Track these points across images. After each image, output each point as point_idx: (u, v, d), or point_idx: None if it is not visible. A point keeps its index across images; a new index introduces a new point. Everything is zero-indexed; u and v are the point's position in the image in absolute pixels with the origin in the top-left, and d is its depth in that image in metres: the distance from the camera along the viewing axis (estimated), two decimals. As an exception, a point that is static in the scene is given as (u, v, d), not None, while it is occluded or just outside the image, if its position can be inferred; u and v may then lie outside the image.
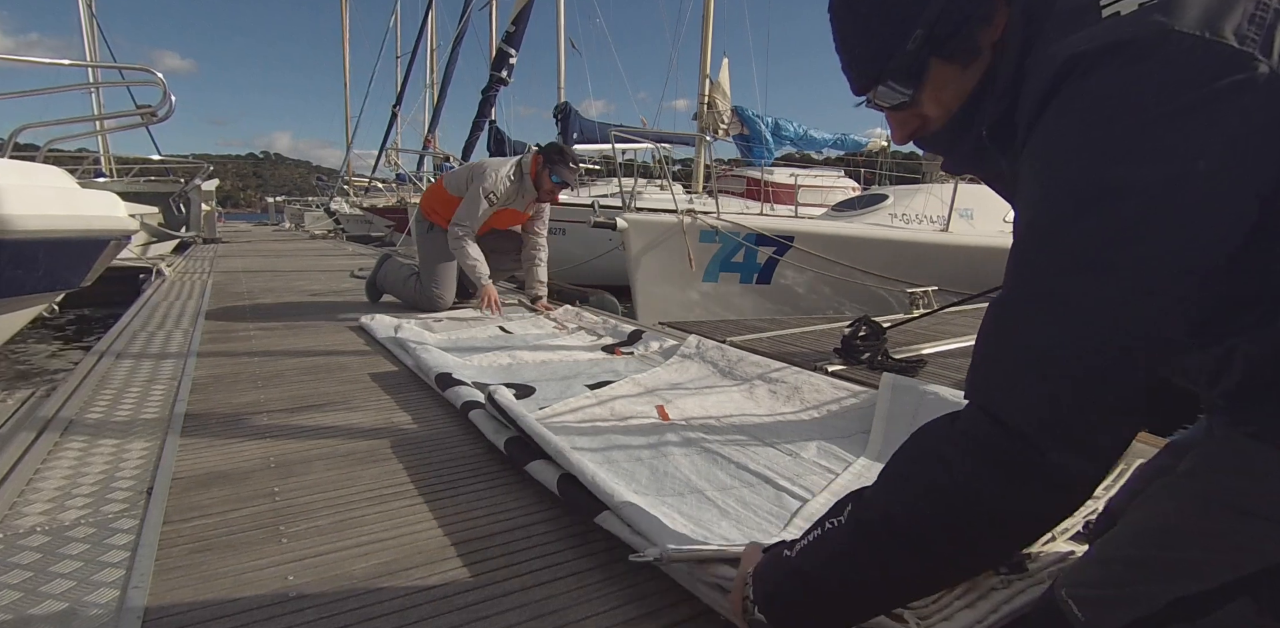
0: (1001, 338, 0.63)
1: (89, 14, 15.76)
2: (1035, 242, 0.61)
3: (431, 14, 15.26)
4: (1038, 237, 0.61)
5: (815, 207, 9.38)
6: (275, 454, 1.54)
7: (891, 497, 0.66)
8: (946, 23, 0.68)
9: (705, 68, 10.19)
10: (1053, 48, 0.60)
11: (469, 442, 1.64)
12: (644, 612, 0.95)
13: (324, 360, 2.49)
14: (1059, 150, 0.60)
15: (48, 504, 1.27)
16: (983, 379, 0.64)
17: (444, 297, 3.51)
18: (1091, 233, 0.56)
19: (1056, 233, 0.59)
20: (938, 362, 2.66)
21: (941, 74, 0.71)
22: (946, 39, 0.68)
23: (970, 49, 0.69)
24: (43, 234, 2.95)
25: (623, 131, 5.97)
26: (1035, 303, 0.60)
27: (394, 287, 3.75)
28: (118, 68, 9.70)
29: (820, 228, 5.72)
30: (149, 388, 2.11)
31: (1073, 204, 0.58)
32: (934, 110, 0.74)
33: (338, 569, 1.06)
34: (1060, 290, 0.58)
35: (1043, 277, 0.60)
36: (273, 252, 8.36)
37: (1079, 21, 0.60)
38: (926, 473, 0.64)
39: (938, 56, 0.70)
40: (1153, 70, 0.54)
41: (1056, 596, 0.74)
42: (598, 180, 13.00)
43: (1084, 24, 0.59)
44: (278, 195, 30.40)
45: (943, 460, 0.62)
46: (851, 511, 0.68)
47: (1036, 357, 0.59)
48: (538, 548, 1.13)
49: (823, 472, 1.45)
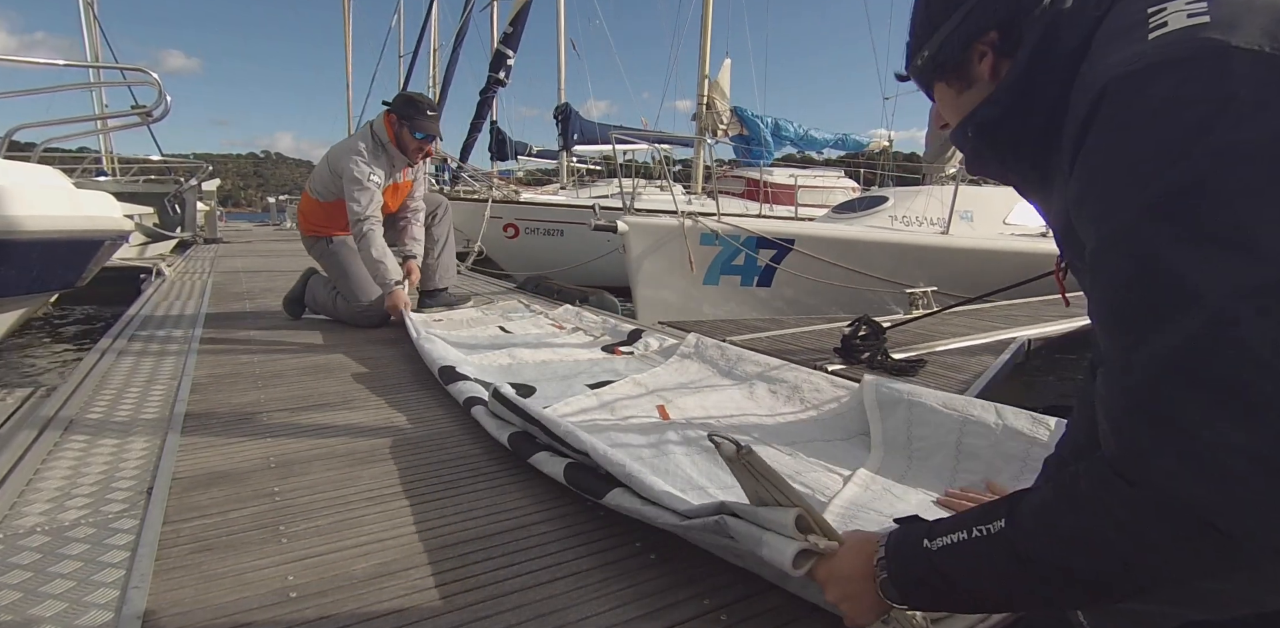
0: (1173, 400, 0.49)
1: (90, 14, 15.81)
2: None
3: (433, 14, 15.27)
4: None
5: (815, 207, 9.39)
6: (275, 454, 1.54)
7: (1055, 547, 0.57)
8: (946, 50, 0.73)
9: (704, 68, 10.20)
10: (1099, 68, 0.58)
11: (469, 442, 1.64)
12: (644, 612, 0.95)
13: (324, 360, 2.49)
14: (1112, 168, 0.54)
15: (48, 504, 1.27)
16: (1166, 459, 0.50)
17: (374, 309, 3.12)
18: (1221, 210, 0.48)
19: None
20: (937, 362, 2.66)
21: (943, 93, 0.77)
22: (944, 64, 0.74)
23: (965, 78, 0.74)
24: (36, 234, 2.95)
25: (623, 133, 5.98)
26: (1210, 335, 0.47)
27: (323, 306, 3.30)
28: (115, 68, 9.72)
29: (821, 231, 5.71)
30: (149, 388, 2.11)
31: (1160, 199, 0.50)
32: (949, 116, 0.78)
33: (338, 569, 1.06)
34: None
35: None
36: (273, 251, 8.35)
37: (1127, 39, 0.57)
38: (1097, 537, 0.54)
39: (939, 79, 0.76)
40: (1214, 80, 0.50)
41: None
42: (598, 181, 13.01)
43: (1132, 42, 0.56)
44: (279, 195, 30.39)
45: (1118, 525, 0.52)
46: (1007, 533, 0.60)
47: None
48: (538, 548, 1.13)
49: (823, 470, 1.46)
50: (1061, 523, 0.55)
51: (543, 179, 16.05)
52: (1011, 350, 2.90)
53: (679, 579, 1.03)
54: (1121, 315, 0.53)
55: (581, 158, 13.93)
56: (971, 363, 2.68)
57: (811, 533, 0.81)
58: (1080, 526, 0.54)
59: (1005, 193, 7.34)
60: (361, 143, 3.01)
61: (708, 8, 9.92)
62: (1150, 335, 0.50)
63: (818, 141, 13.56)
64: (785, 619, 0.94)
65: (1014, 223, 6.94)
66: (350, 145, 3.03)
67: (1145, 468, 0.50)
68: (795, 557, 0.80)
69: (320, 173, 3.20)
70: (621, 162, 6.35)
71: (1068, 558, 0.55)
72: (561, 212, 8.65)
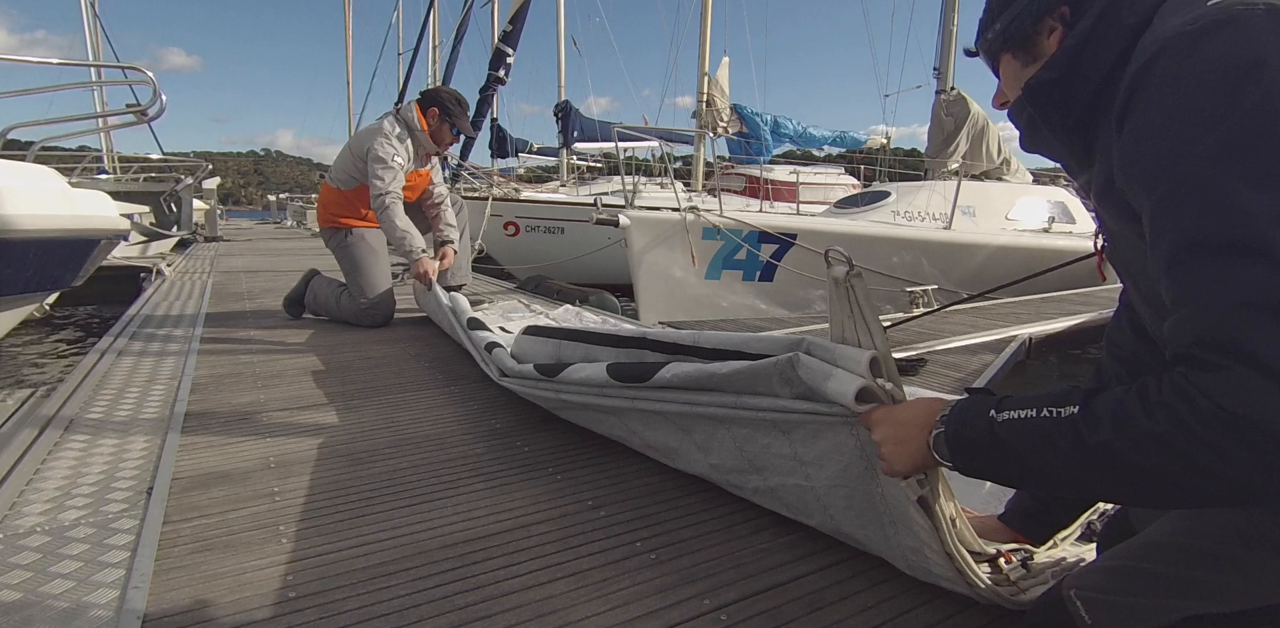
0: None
1: (91, 12, 15.83)
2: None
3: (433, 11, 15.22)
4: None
5: (816, 204, 9.37)
6: (275, 454, 1.54)
7: (1121, 442, 0.57)
8: (1019, 23, 0.76)
9: (704, 66, 10.18)
10: (1158, 32, 0.62)
11: (469, 442, 1.64)
12: (644, 612, 0.95)
13: (324, 360, 2.49)
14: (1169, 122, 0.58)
15: (48, 504, 1.27)
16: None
17: (380, 307, 3.14)
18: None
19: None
20: (938, 360, 2.66)
21: (1008, 66, 0.81)
22: (1013, 37, 0.78)
23: (1031, 51, 0.77)
24: (32, 234, 2.94)
25: (625, 129, 5.96)
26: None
27: (326, 307, 3.27)
28: (111, 66, 9.71)
29: (823, 225, 5.70)
30: (149, 387, 2.11)
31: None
32: (1010, 91, 0.81)
33: (337, 569, 1.06)
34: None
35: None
36: (273, 250, 8.36)
37: (1189, 8, 0.61)
38: (1163, 441, 0.55)
39: (1006, 51, 0.80)
40: (1269, 37, 0.54)
41: (1065, 595, 0.74)
42: (598, 178, 12.99)
43: (1193, 8, 0.60)
44: (279, 193, 30.35)
45: (1188, 434, 0.54)
46: (1077, 420, 0.60)
47: None
48: (538, 548, 1.13)
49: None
50: (1132, 422, 0.56)
51: (543, 177, 16.04)
52: (1013, 348, 2.89)
53: (679, 579, 1.03)
54: (1197, 258, 0.55)
55: (582, 155, 13.91)
56: (972, 361, 2.68)
57: (881, 378, 0.82)
58: (1149, 428, 0.55)
59: (1007, 189, 7.33)
60: (388, 126, 3.05)
61: (707, 5, 9.90)
62: (1226, 275, 0.53)
63: (816, 139, 13.55)
64: (785, 619, 0.94)
65: (1015, 218, 6.93)
66: (376, 127, 3.07)
67: (1221, 392, 0.52)
68: (859, 392, 0.81)
69: (341, 161, 3.22)
70: (623, 158, 6.33)
71: (1129, 454, 0.56)
72: (562, 209, 8.64)
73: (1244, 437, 0.50)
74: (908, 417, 0.77)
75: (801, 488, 1.06)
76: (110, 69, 9.65)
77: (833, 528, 1.08)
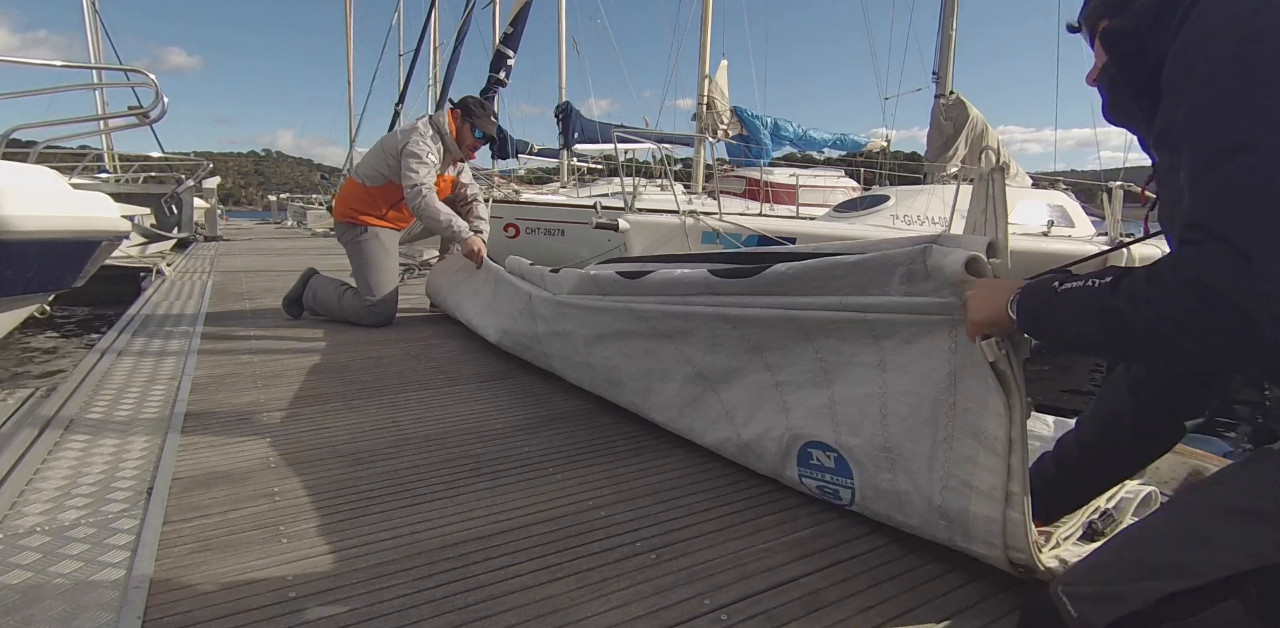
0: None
1: (92, 11, 15.86)
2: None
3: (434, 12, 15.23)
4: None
5: (816, 207, 9.37)
6: (275, 454, 1.54)
7: (1128, 304, 0.68)
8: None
9: (704, 68, 10.19)
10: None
11: (469, 442, 1.64)
12: (644, 612, 0.96)
13: (324, 360, 2.49)
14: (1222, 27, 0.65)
15: (48, 504, 1.27)
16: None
17: (384, 306, 3.15)
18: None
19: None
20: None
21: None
22: (1113, 3, 0.82)
23: (1128, 18, 0.81)
24: (33, 235, 2.94)
25: (624, 131, 5.97)
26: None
27: (327, 306, 3.25)
28: (113, 69, 9.72)
29: (822, 229, 5.71)
30: (149, 387, 2.11)
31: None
32: (1100, 60, 0.86)
33: (338, 569, 1.06)
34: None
35: None
36: (273, 250, 8.36)
37: None
38: (1158, 306, 0.65)
39: (1106, 18, 0.84)
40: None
41: (1052, 593, 0.76)
42: (598, 180, 12.99)
43: None
44: (280, 193, 30.35)
45: (1176, 305, 0.63)
46: (1106, 288, 0.71)
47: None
48: (538, 548, 1.13)
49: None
50: (1135, 289, 0.67)
51: (543, 178, 16.04)
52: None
53: (679, 579, 1.04)
54: (1199, 155, 0.64)
55: (582, 157, 13.91)
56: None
57: (996, 258, 0.95)
58: (1146, 295, 0.66)
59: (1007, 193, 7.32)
60: (423, 127, 3.16)
61: (707, 7, 9.91)
62: (1218, 167, 0.61)
63: (816, 141, 13.56)
64: (785, 619, 0.94)
65: (1014, 222, 6.94)
66: (411, 126, 3.18)
67: (1194, 264, 0.61)
68: (968, 261, 0.94)
69: (371, 158, 3.29)
70: (623, 161, 6.34)
71: (1130, 316, 0.67)
72: (562, 211, 8.65)
73: (1210, 305, 0.59)
74: (999, 284, 0.90)
75: (867, 398, 1.11)
76: (112, 71, 9.66)
77: (879, 443, 1.10)
